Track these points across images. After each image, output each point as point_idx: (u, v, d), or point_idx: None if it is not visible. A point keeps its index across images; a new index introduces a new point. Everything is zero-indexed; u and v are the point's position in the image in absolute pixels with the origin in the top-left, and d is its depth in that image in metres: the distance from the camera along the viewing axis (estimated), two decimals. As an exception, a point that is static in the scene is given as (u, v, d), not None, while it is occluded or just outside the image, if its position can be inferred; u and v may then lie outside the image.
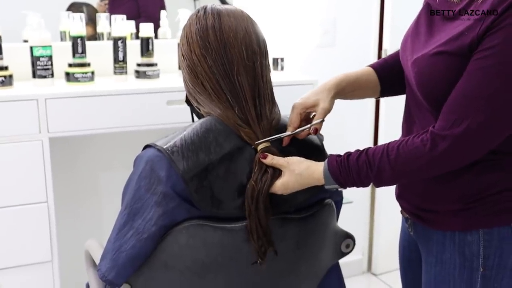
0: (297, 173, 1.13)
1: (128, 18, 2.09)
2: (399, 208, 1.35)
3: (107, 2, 2.31)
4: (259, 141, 1.13)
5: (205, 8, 1.18)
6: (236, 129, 1.13)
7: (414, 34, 1.21)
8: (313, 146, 1.24)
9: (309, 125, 1.21)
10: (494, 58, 1.00)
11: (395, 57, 1.34)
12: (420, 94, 1.14)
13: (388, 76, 1.34)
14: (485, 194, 1.13)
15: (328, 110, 1.24)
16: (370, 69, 1.37)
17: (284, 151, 1.17)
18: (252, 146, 1.14)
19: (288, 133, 1.19)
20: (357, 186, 1.14)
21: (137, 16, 2.30)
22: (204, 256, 1.11)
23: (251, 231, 1.11)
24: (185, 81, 1.21)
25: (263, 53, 1.19)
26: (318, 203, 1.23)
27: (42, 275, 1.80)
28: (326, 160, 1.14)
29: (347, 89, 1.30)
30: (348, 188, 1.16)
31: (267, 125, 1.16)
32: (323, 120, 1.22)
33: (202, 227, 1.09)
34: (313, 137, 1.26)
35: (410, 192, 1.25)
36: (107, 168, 2.23)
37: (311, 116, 1.26)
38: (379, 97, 1.40)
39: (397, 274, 1.49)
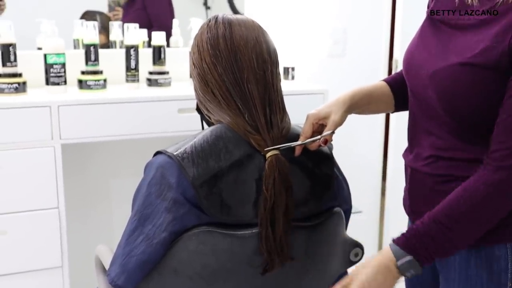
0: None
1: (140, 28, 2.11)
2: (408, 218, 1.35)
3: (116, 12, 2.34)
4: (269, 148, 1.14)
5: (216, 18, 1.19)
6: (246, 136, 1.14)
7: (420, 47, 1.19)
8: (322, 155, 1.25)
9: (319, 136, 1.21)
10: None
11: None
12: (442, 107, 1.12)
13: (402, 90, 1.33)
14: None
15: (338, 123, 1.24)
16: (384, 83, 1.37)
17: (294, 160, 1.18)
18: (262, 153, 1.14)
19: (298, 142, 1.20)
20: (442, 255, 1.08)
21: (149, 25, 2.32)
22: (213, 262, 1.11)
23: (261, 240, 1.11)
24: (195, 89, 1.23)
25: (274, 62, 1.19)
26: (327, 211, 1.23)
27: (52, 280, 1.81)
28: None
29: (361, 103, 1.30)
30: (357, 197, 1.15)
31: (278, 133, 1.16)
32: (333, 132, 1.22)
33: (211, 233, 1.10)
34: (323, 147, 1.26)
35: (428, 209, 1.23)
36: (118, 174, 2.24)
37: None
38: (394, 111, 1.39)
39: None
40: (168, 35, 2.22)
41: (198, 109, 1.29)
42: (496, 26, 1.04)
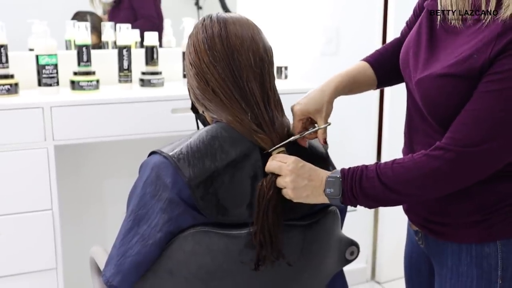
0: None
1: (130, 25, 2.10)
2: (404, 217, 1.35)
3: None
4: (277, 146, 1.14)
5: (211, 17, 1.19)
6: (251, 134, 1.14)
7: (415, 44, 1.19)
8: (318, 155, 1.25)
9: (317, 128, 1.23)
10: (505, 82, 1.00)
11: (390, 49, 1.34)
12: (427, 113, 1.13)
13: (384, 70, 1.35)
14: (501, 205, 1.13)
15: (329, 115, 1.26)
16: (366, 64, 1.37)
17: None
18: (265, 151, 1.14)
19: (296, 136, 1.21)
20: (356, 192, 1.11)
21: (135, 19, 2.31)
22: (209, 262, 1.11)
23: (254, 234, 1.11)
24: (192, 88, 1.21)
25: (270, 61, 1.20)
26: (323, 210, 1.23)
27: (46, 282, 1.80)
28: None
29: (346, 90, 1.32)
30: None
31: (281, 131, 1.17)
32: (329, 124, 1.24)
33: (207, 233, 1.10)
34: (319, 146, 1.26)
35: (421, 206, 1.24)
36: (112, 175, 2.23)
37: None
38: (375, 89, 1.41)
39: (401, 283, 1.49)
40: (156, 29, 2.18)
41: (193, 109, 1.28)
42: (479, 35, 1.04)
